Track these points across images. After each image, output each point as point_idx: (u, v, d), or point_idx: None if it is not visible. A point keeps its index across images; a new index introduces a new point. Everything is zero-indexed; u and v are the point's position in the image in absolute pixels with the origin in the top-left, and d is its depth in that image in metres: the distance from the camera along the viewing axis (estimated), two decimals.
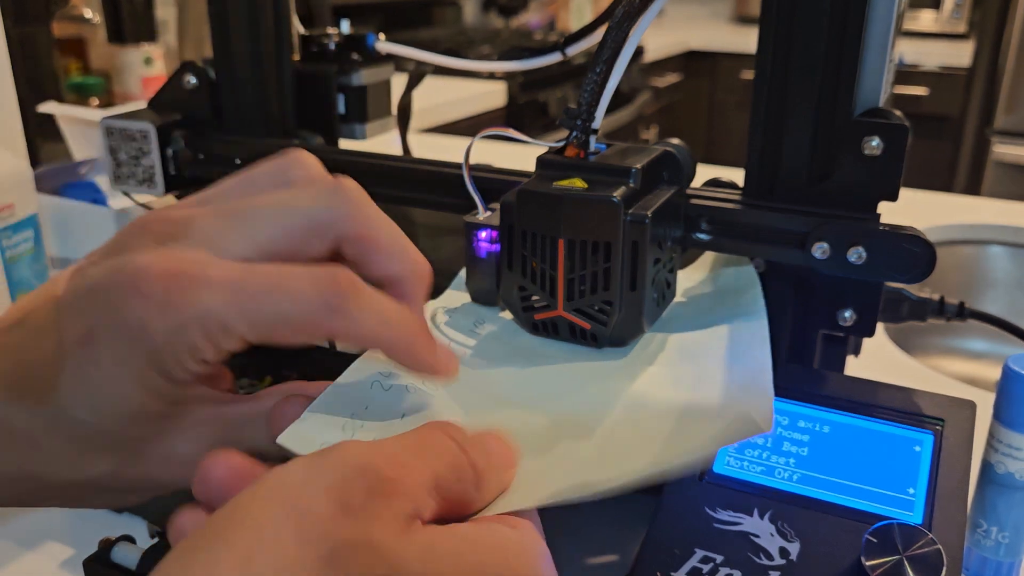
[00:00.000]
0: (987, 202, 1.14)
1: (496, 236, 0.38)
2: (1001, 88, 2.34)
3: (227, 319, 0.26)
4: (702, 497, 0.34)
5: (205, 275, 0.27)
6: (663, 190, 0.38)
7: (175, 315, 0.26)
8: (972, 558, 0.42)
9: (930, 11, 2.85)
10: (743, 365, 0.34)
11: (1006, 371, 0.39)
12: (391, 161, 0.49)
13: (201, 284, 0.26)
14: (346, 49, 0.57)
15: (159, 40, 1.54)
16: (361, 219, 0.30)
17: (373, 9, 2.25)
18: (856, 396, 0.37)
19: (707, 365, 0.35)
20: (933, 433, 0.35)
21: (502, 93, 1.88)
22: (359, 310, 0.28)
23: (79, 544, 0.48)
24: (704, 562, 0.32)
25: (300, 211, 0.29)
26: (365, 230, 0.30)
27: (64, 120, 0.90)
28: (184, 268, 0.27)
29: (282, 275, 0.27)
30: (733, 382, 0.33)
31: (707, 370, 0.34)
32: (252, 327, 0.27)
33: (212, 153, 0.54)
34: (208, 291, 0.26)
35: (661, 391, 0.34)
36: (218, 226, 0.29)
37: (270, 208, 0.29)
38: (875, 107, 0.38)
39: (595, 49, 0.38)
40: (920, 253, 0.36)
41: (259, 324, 0.27)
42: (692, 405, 0.32)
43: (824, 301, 0.40)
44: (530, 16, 2.87)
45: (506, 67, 0.50)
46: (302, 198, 0.29)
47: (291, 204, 0.29)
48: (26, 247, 0.64)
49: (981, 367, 0.98)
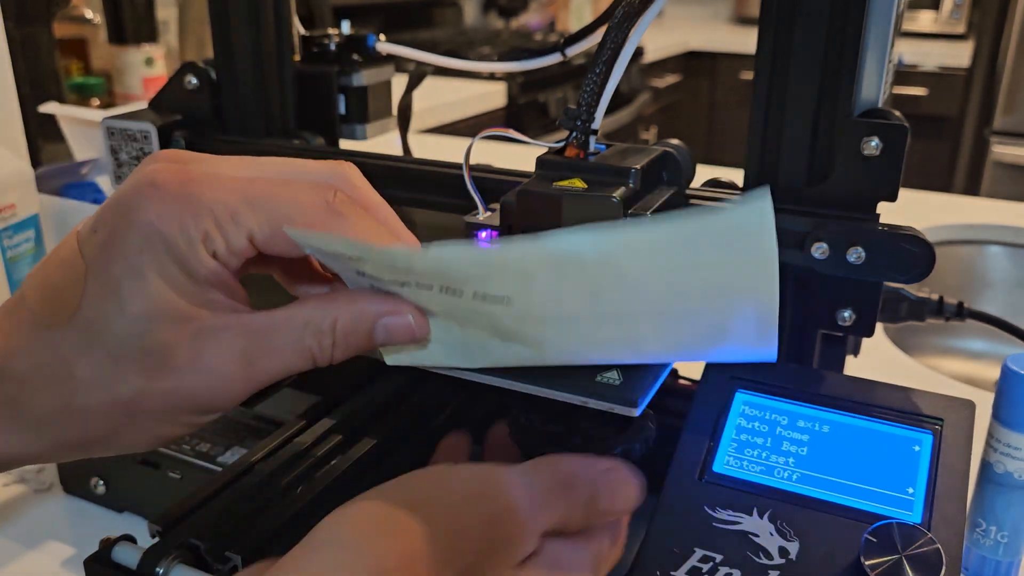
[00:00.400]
0: (986, 202, 1.14)
1: (496, 236, 0.38)
2: (1000, 88, 2.34)
3: (236, 209, 0.29)
4: (701, 496, 0.34)
5: (216, 176, 0.29)
6: (663, 190, 0.38)
7: (188, 204, 0.28)
8: (971, 557, 0.42)
9: (929, 11, 2.85)
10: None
11: (1005, 371, 0.39)
12: (392, 161, 0.49)
13: (211, 181, 0.29)
14: (347, 50, 0.57)
15: (160, 40, 1.54)
16: (361, 188, 0.33)
17: (373, 10, 2.25)
18: (855, 396, 0.37)
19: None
20: (932, 433, 0.35)
21: (502, 94, 1.88)
22: (356, 215, 0.30)
23: (80, 543, 0.48)
24: (703, 561, 0.32)
25: (305, 170, 0.32)
26: (363, 199, 0.32)
27: (65, 120, 0.90)
28: (199, 172, 0.29)
29: (287, 182, 0.30)
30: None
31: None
32: (259, 221, 0.29)
33: (213, 153, 0.54)
34: (219, 187, 0.29)
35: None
36: (228, 161, 0.31)
37: (278, 162, 0.32)
38: (874, 107, 0.38)
39: (595, 50, 0.38)
40: (919, 253, 0.36)
41: (265, 219, 0.29)
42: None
43: (823, 301, 0.40)
44: (530, 17, 2.87)
45: (506, 68, 0.51)
46: (308, 164, 0.32)
47: (298, 164, 0.32)
48: (27, 247, 0.65)
49: (980, 367, 0.98)
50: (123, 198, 0.29)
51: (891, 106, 0.39)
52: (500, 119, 1.86)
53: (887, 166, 0.37)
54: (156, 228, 0.28)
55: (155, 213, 0.28)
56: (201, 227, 0.28)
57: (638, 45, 0.37)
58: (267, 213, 0.29)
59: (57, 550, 0.48)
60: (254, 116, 0.54)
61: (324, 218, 0.29)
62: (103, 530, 0.37)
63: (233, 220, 0.29)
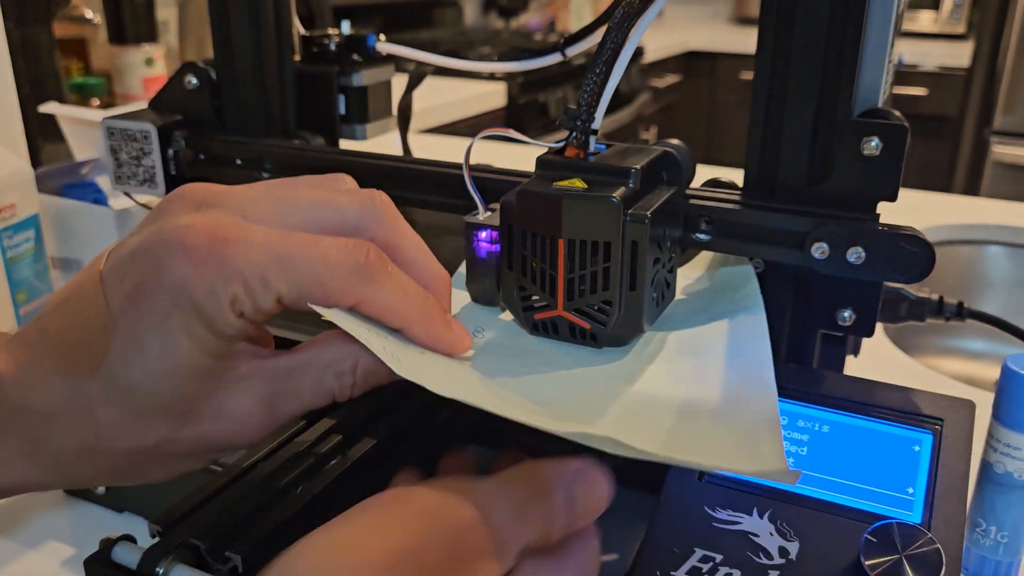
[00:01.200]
0: (986, 202, 1.14)
1: (496, 236, 0.38)
2: (1000, 88, 2.34)
3: (266, 273, 0.28)
4: (701, 496, 0.34)
5: (246, 233, 0.28)
6: (663, 190, 0.38)
7: (217, 268, 0.28)
8: (971, 557, 0.42)
9: (929, 11, 2.85)
10: (743, 360, 0.34)
11: (1005, 371, 0.39)
12: (391, 161, 0.49)
13: (242, 241, 0.28)
14: (347, 50, 0.57)
15: (160, 41, 1.54)
16: (391, 227, 0.32)
17: (373, 10, 2.25)
18: (855, 396, 0.37)
19: (707, 361, 0.35)
20: (932, 433, 0.35)
21: (502, 94, 1.88)
22: (387, 279, 0.30)
23: (80, 543, 0.48)
24: (704, 561, 0.32)
25: (335, 207, 0.31)
26: (395, 238, 0.32)
27: (65, 120, 0.90)
28: (226, 226, 0.28)
29: (318, 240, 0.29)
30: (733, 378, 0.33)
31: (707, 365, 0.35)
32: (288, 285, 0.28)
33: (213, 153, 0.54)
34: (249, 247, 0.28)
35: (662, 388, 0.34)
36: (257, 203, 0.30)
37: (308, 199, 0.31)
38: (874, 107, 0.38)
39: (595, 50, 0.38)
40: (919, 253, 0.36)
41: (295, 282, 0.28)
42: (693, 402, 0.32)
43: (823, 301, 0.40)
44: (530, 17, 2.87)
45: (506, 68, 0.51)
46: (339, 199, 0.31)
47: (328, 201, 0.31)
48: (27, 247, 0.65)
49: (980, 367, 0.98)
50: (152, 249, 0.28)
51: (891, 106, 0.39)
52: (500, 119, 1.86)
53: (887, 166, 0.37)
54: (185, 290, 0.28)
55: (183, 274, 0.28)
56: (230, 291, 0.28)
57: (638, 45, 0.37)
58: (296, 275, 0.28)
59: (57, 550, 0.48)
60: (254, 116, 0.54)
61: (354, 283, 0.29)
62: (103, 530, 0.37)
63: (262, 284, 0.28)
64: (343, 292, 0.29)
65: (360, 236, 0.31)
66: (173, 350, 0.28)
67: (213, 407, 0.30)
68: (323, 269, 0.29)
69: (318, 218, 0.31)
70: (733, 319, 0.38)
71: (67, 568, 0.47)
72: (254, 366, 0.30)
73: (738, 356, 0.35)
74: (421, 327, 0.31)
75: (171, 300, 0.28)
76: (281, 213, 0.30)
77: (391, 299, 0.30)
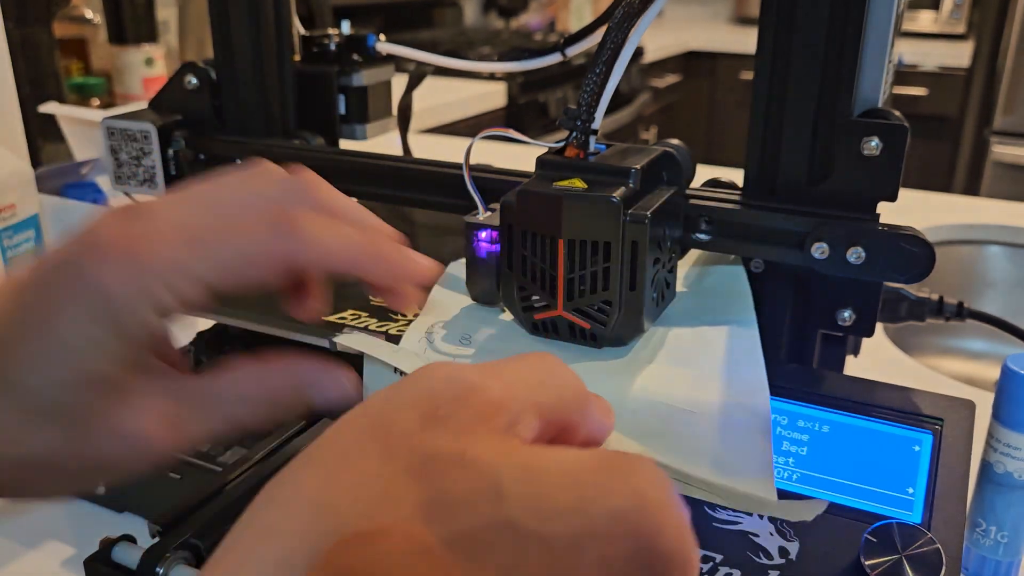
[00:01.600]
0: (986, 202, 1.14)
1: (496, 236, 0.38)
2: (1000, 88, 2.34)
3: (184, 262, 0.27)
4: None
5: (159, 232, 0.28)
6: (663, 190, 0.38)
7: (134, 269, 0.27)
8: (971, 557, 0.42)
9: (929, 11, 2.85)
10: (738, 377, 0.35)
11: (1005, 371, 0.39)
12: (391, 161, 0.49)
13: (159, 240, 0.27)
14: (347, 50, 0.57)
15: (160, 41, 1.54)
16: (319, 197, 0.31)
17: (373, 10, 2.25)
18: (855, 396, 0.37)
19: (702, 373, 0.35)
20: (932, 433, 0.35)
21: (502, 94, 1.88)
22: (312, 227, 0.28)
23: (80, 543, 0.48)
24: (704, 561, 0.32)
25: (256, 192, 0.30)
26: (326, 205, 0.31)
27: (65, 120, 0.90)
28: (143, 229, 0.28)
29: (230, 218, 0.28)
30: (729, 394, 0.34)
31: (703, 378, 0.35)
32: (208, 265, 0.28)
33: (213, 153, 0.54)
34: (162, 244, 0.27)
35: (661, 388, 0.34)
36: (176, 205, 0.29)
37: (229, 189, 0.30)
38: (874, 107, 0.38)
39: (595, 50, 0.38)
40: (919, 253, 0.36)
41: (214, 261, 0.28)
42: (691, 415, 0.32)
43: (823, 301, 0.40)
44: (530, 17, 2.87)
45: (506, 68, 0.51)
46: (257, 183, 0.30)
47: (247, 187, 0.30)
48: (27, 247, 0.65)
49: (980, 367, 0.98)
50: (67, 259, 0.28)
51: (891, 106, 0.39)
52: (500, 119, 1.86)
53: (887, 166, 0.37)
54: (98, 296, 0.27)
55: (98, 278, 0.27)
56: (150, 290, 0.27)
57: (638, 45, 0.37)
58: (213, 253, 0.28)
59: (57, 550, 0.48)
60: (254, 116, 0.54)
61: (274, 240, 0.28)
62: (103, 530, 0.37)
63: (183, 273, 0.27)
64: (268, 253, 0.28)
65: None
66: (79, 358, 0.27)
67: (110, 424, 0.29)
68: (239, 239, 0.28)
69: (242, 205, 0.30)
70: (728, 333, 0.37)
71: (67, 568, 0.47)
72: (162, 385, 0.30)
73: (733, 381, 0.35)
74: (371, 262, 0.29)
75: (86, 307, 0.27)
76: (202, 210, 0.29)
77: (324, 243, 0.28)
